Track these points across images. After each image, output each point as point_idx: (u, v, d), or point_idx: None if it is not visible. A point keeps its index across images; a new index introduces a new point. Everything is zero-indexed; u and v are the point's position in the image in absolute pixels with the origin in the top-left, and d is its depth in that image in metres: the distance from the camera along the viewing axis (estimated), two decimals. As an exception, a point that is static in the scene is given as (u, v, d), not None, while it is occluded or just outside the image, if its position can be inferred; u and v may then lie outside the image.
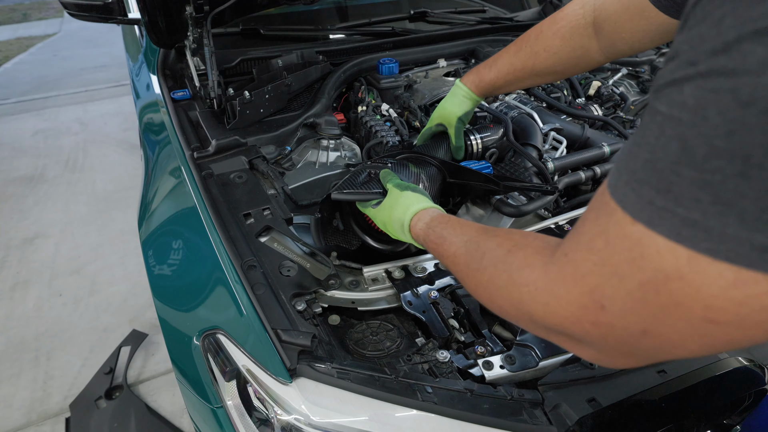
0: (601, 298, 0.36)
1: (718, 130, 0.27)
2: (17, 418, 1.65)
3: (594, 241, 0.36)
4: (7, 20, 8.30)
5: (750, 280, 0.28)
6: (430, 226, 0.68)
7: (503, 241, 0.51)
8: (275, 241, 0.91)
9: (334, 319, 0.86)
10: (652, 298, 0.32)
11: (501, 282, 0.47)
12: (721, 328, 0.30)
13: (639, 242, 0.32)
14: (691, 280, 0.30)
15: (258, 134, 1.17)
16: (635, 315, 0.34)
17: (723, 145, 0.27)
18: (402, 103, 1.35)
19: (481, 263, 0.52)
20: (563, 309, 0.39)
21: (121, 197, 2.88)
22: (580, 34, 0.87)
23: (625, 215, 0.33)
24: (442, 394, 0.68)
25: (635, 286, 0.33)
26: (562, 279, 0.39)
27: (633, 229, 0.33)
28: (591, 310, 0.37)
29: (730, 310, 0.29)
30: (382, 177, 0.84)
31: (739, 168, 0.27)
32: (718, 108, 0.27)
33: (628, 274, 0.33)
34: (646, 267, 0.32)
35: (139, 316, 2.03)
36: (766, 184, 0.26)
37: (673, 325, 0.32)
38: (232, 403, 0.72)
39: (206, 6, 1.18)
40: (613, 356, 0.39)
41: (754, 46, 0.25)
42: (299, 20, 1.74)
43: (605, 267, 0.35)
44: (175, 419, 1.62)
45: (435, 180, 0.95)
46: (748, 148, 0.26)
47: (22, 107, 4.37)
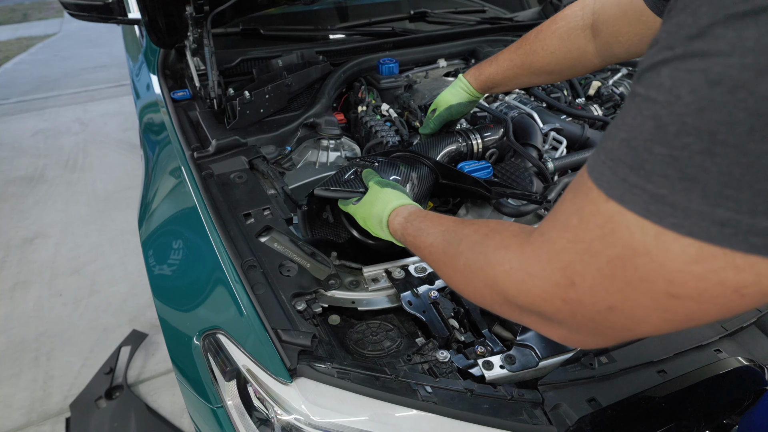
0: (572, 274, 0.37)
1: (689, 108, 0.28)
2: (17, 418, 1.65)
3: (569, 219, 0.37)
4: (7, 20, 8.30)
5: (709, 256, 0.29)
6: (408, 220, 0.69)
7: (480, 227, 0.52)
8: (275, 241, 0.91)
9: (334, 319, 0.86)
10: (620, 274, 0.34)
11: (477, 264, 0.48)
12: (682, 303, 0.32)
13: (611, 219, 0.33)
14: (656, 256, 0.31)
15: (258, 134, 1.17)
16: (603, 291, 0.35)
17: (692, 122, 0.28)
18: (402, 103, 1.35)
19: (458, 249, 0.53)
20: (536, 287, 0.40)
21: (121, 197, 2.88)
22: (577, 36, 0.88)
23: (600, 193, 0.34)
24: (442, 394, 0.68)
25: (604, 262, 0.34)
26: (537, 257, 0.40)
27: (606, 206, 0.34)
28: (562, 287, 0.38)
29: (691, 284, 0.31)
30: (364, 176, 0.85)
31: (705, 144, 0.28)
32: (690, 87, 0.28)
33: (599, 250, 0.35)
34: (616, 243, 0.33)
35: (139, 316, 2.03)
36: (728, 161, 0.27)
37: (638, 300, 0.34)
38: (232, 403, 0.72)
39: (206, 6, 1.18)
40: (581, 334, 0.41)
41: (725, 30, 0.27)
42: (299, 20, 1.74)
43: (578, 244, 0.36)
44: (175, 419, 1.62)
45: (426, 180, 0.95)
46: (714, 125, 0.27)
47: (22, 107, 4.37)
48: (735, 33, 0.27)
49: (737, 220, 0.28)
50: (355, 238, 0.94)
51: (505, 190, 0.94)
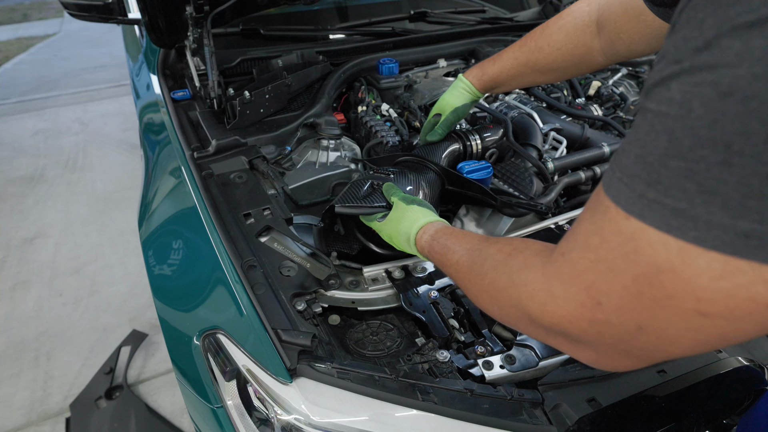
0: (597, 294, 0.36)
1: (702, 121, 0.28)
2: (17, 418, 1.65)
3: (590, 238, 0.37)
4: (7, 20, 8.30)
5: (737, 270, 0.28)
6: (434, 237, 0.69)
7: (504, 246, 0.52)
8: (275, 241, 0.91)
9: (334, 319, 0.86)
10: (646, 292, 0.33)
11: (501, 284, 0.48)
12: (713, 321, 0.31)
13: (632, 237, 0.33)
14: (682, 272, 0.30)
15: (258, 134, 1.17)
16: (631, 310, 0.34)
17: (706, 134, 0.28)
18: (402, 103, 1.35)
19: (483, 268, 0.53)
20: (560, 308, 0.39)
21: (121, 197, 2.88)
22: (583, 32, 0.88)
23: (619, 210, 0.34)
24: (442, 394, 0.68)
25: (630, 280, 0.33)
26: (559, 278, 0.40)
27: (626, 224, 0.33)
28: (588, 308, 0.37)
29: (720, 301, 0.30)
30: (385, 190, 0.84)
31: (721, 156, 0.27)
32: (701, 100, 0.28)
33: (623, 268, 0.34)
34: (639, 260, 0.33)
35: (139, 316, 2.03)
36: (746, 171, 0.27)
37: (667, 319, 0.33)
38: (232, 403, 0.72)
39: (206, 6, 1.18)
40: (611, 356, 0.39)
41: (731, 41, 0.27)
42: (299, 20, 1.74)
43: (601, 263, 0.35)
44: (175, 419, 1.62)
45: (434, 186, 0.96)
46: (729, 136, 0.27)
47: (22, 107, 4.37)
48: (742, 44, 0.26)
49: (762, 232, 0.27)
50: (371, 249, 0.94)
51: (510, 200, 0.94)
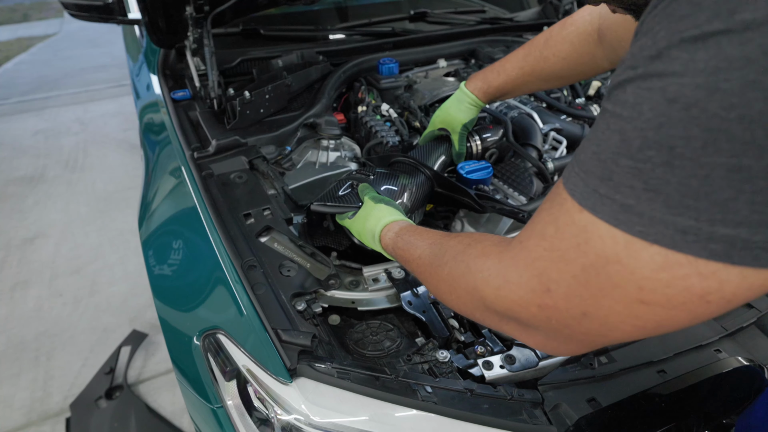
0: (548, 281, 0.38)
1: (650, 124, 0.31)
2: (17, 418, 1.65)
3: (546, 228, 0.39)
4: (7, 20, 8.30)
5: (675, 263, 0.31)
6: (398, 234, 0.71)
7: (464, 238, 0.54)
8: (275, 241, 0.91)
9: (334, 319, 0.86)
10: (593, 281, 0.35)
11: (459, 272, 0.50)
12: (652, 309, 0.33)
13: (584, 229, 0.35)
14: (627, 263, 0.33)
15: (258, 134, 1.17)
16: (577, 297, 0.36)
17: (653, 136, 0.30)
18: (402, 103, 1.35)
19: (443, 259, 0.55)
20: (513, 292, 0.41)
21: (121, 197, 2.88)
22: (587, 41, 0.89)
23: (574, 203, 0.36)
24: (442, 394, 0.68)
25: (579, 270, 0.36)
26: (514, 264, 0.42)
27: (580, 216, 0.35)
28: (538, 293, 0.39)
29: (659, 291, 0.32)
30: (360, 190, 0.87)
31: (665, 157, 0.30)
32: (650, 104, 0.31)
33: (574, 258, 0.36)
34: (589, 251, 0.35)
35: (139, 316, 2.03)
36: (686, 173, 0.29)
37: (611, 306, 0.35)
38: (232, 403, 0.72)
39: (206, 6, 1.18)
40: (557, 340, 0.42)
41: (679, 52, 0.29)
42: (299, 20, 1.74)
43: (554, 252, 0.38)
44: (175, 419, 1.62)
45: (422, 188, 0.97)
46: (672, 139, 0.29)
47: (22, 107, 4.37)
48: (688, 55, 0.29)
49: (698, 228, 0.29)
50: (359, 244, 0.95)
51: (495, 205, 0.95)
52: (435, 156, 1.07)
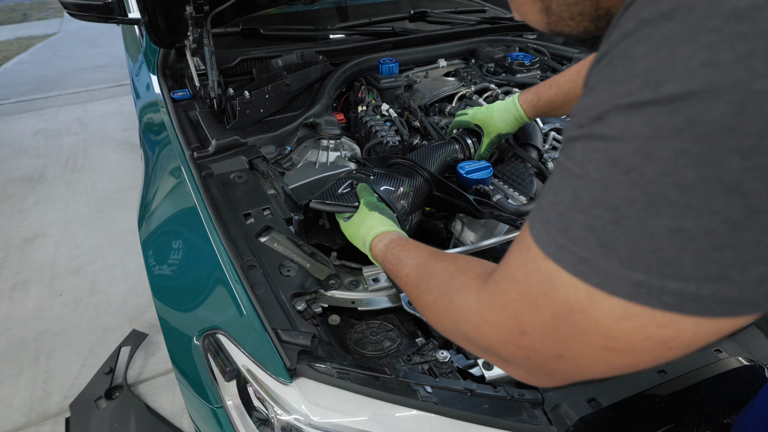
0: (523, 324, 0.39)
1: (597, 183, 0.32)
2: (17, 418, 1.65)
3: (516, 272, 0.40)
4: (7, 20, 8.30)
5: (633, 314, 0.32)
6: (388, 247, 0.72)
7: (448, 266, 0.54)
8: (275, 241, 0.91)
9: (334, 319, 0.86)
10: (563, 327, 0.36)
11: (443, 303, 0.51)
12: (619, 354, 0.34)
13: (549, 277, 0.36)
14: (591, 313, 0.34)
15: (258, 134, 1.17)
16: (551, 341, 0.37)
17: (600, 196, 0.32)
18: (402, 103, 1.35)
19: (429, 285, 0.55)
20: (492, 332, 0.42)
21: (121, 197, 2.88)
22: None
23: (539, 251, 0.37)
24: (442, 394, 0.68)
25: (549, 316, 0.36)
26: (491, 304, 0.43)
27: (544, 264, 0.36)
28: (515, 335, 0.40)
29: (623, 339, 0.33)
30: (359, 191, 0.87)
31: (613, 216, 0.31)
32: (596, 165, 0.32)
33: (543, 304, 0.37)
34: (556, 299, 0.36)
35: (139, 316, 2.03)
36: (633, 231, 0.30)
37: (581, 351, 0.36)
38: (232, 403, 0.72)
39: (206, 6, 1.18)
40: (537, 376, 0.43)
41: (617, 117, 0.31)
42: (299, 20, 1.74)
43: (525, 296, 0.38)
44: (175, 419, 1.62)
45: (420, 190, 0.97)
46: (617, 200, 0.31)
47: (22, 107, 4.37)
48: (624, 121, 0.30)
49: (649, 282, 0.31)
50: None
51: (493, 212, 0.95)
52: (435, 158, 1.07)
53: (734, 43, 0.26)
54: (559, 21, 0.45)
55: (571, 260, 0.34)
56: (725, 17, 0.26)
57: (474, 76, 1.44)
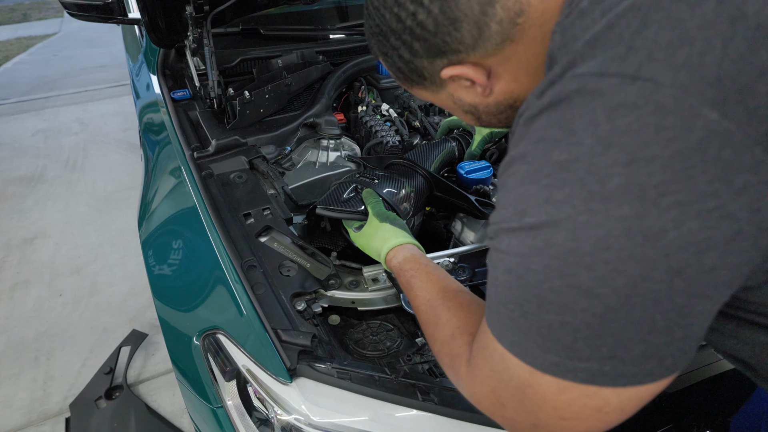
0: (500, 397, 0.42)
1: (504, 285, 0.39)
2: (17, 418, 1.65)
3: (483, 350, 0.44)
4: (7, 20, 8.30)
5: (565, 388, 0.37)
6: (402, 268, 0.72)
7: (452, 318, 0.57)
8: (275, 241, 0.91)
9: (334, 319, 0.86)
10: (525, 401, 0.40)
11: (446, 362, 0.54)
12: (572, 423, 0.38)
13: (503, 357, 0.40)
14: (537, 389, 0.38)
15: (258, 134, 1.17)
16: (523, 411, 0.41)
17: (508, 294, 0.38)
18: (402, 103, 1.35)
19: (435, 333, 0.58)
20: (480, 403, 0.46)
21: (121, 197, 2.88)
22: None
23: (491, 332, 0.42)
24: (442, 394, 0.68)
25: (514, 390, 0.40)
26: (473, 378, 0.46)
27: (496, 345, 0.41)
28: (497, 407, 0.43)
29: (567, 409, 0.38)
30: (364, 197, 0.86)
31: (519, 311, 0.37)
32: (500, 271, 0.39)
33: (506, 380, 0.41)
34: (512, 376, 0.40)
35: (139, 316, 2.03)
36: (537, 324, 0.36)
37: (546, 422, 0.40)
38: (232, 403, 0.72)
39: (206, 6, 1.18)
40: None
41: (504, 236, 0.38)
42: (299, 20, 1.74)
43: (494, 372, 0.42)
44: (175, 419, 1.62)
45: (422, 193, 0.97)
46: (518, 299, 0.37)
47: (22, 107, 4.37)
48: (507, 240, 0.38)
49: (564, 363, 0.36)
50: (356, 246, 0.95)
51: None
52: (433, 157, 1.07)
53: (562, 186, 0.34)
54: (490, 123, 0.56)
55: (509, 343, 0.39)
56: (554, 166, 0.34)
57: (474, 76, 1.43)
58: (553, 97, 0.36)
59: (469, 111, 0.55)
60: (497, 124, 0.56)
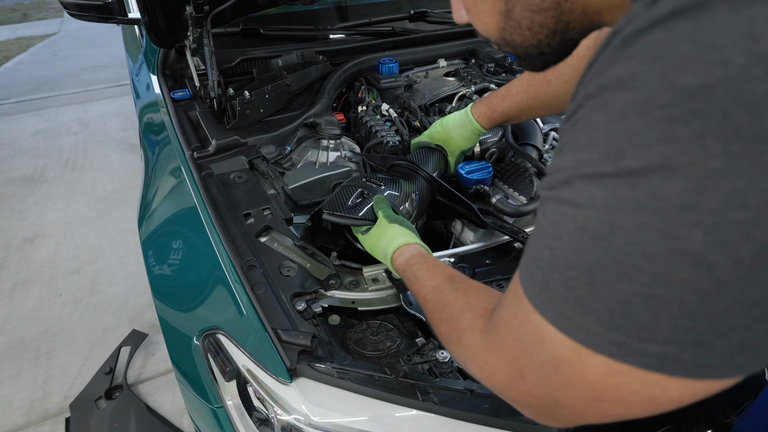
0: (520, 368, 0.39)
1: (570, 246, 0.32)
2: (17, 418, 1.65)
3: (511, 320, 0.40)
4: (7, 20, 8.30)
5: (618, 371, 0.32)
6: (408, 263, 0.72)
7: (459, 297, 0.55)
8: (275, 241, 0.91)
9: (334, 319, 0.86)
10: (554, 376, 0.36)
11: (453, 338, 0.52)
12: (610, 405, 0.34)
13: (538, 329, 0.36)
14: (577, 367, 0.34)
15: (258, 134, 1.17)
16: (546, 387, 0.37)
17: (574, 258, 0.32)
18: (402, 103, 1.35)
19: (441, 315, 0.56)
20: (493, 375, 0.43)
21: (121, 197, 2.88)
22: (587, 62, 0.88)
23: (528, 303, 0.37)
24: (442, 394, 0.68)
25: (541, 363, 0.37)
26: (492, 348, 0.43)
27: (534, 316, 0.36)
28: (514, 378, 0.40)
29: (611, 392, 0.33)
30: (375, 202, 0.87)
31: (587, 279, 0.31)
32: (567, 228, 0.32)
33: (535, 352, 0.37)
34: (546, 349, 0.36)
35: (139, 316, 2.03)
36: (608, 295, 0.30)
37: (574, 400, 0.36)
38: (232, 403, 0.72)
39: (206, 6, 1.18)
40: (544, 418, 0.43)
41: (581, 185, 0.31)
42: (299, 20, 1.74)
43: (520, 343, 0.39)
44: (175, 419, 1.62)
45: (425, 197, 0.97)
46: (590, 264, 0.31)
47: (22, 107, 4.37)
48: (588, 190, 0.31)
49: (630, 344, 0.31)
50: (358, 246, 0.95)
51: (496, 222, 0.95)
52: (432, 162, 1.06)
53: (688, 120, 0.26)
54: (516, 29, 0.42)
55: (554, 315, 0.34)
56: (679, 93, 0.26)
57: (474, 76, 1.44)
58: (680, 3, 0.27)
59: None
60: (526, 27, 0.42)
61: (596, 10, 0.39)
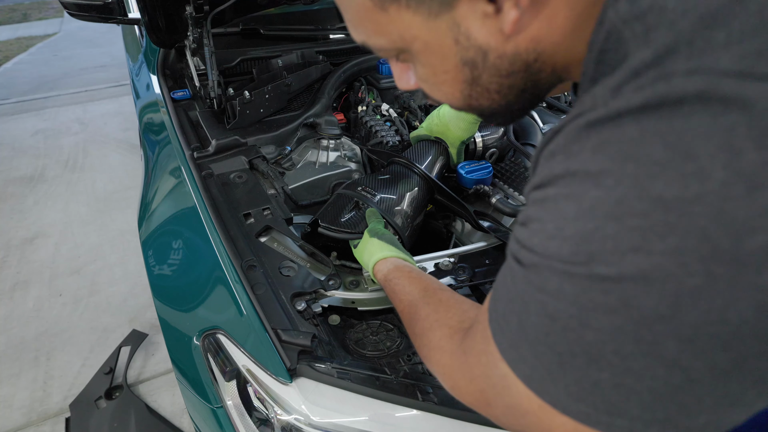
0: (487, 398, 0.40)
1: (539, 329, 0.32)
2: (17, 418, 1.65)
3: (480, 356, 0.40)
4: (7, 20, 8.30)
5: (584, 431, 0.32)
6: (387, 277, 0.73)
7: (430, 313, 0.55)
8: (275, 241, 0.91)
9: (334, 319, 0.86)
10: (520, 419, 0.37)
11: (425, 353, 0.53)
12: None
13: (505, 377, 0.36)
14: (543, 421, 0.34)
15: (258, 134, 1.17)
16: (512, 420, 0.38)
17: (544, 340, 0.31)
18: (402, 103, 1.35)
19: (414, 329, 0.58)
20: (464, 396, 0.44)
21: (121, 197, 2.88)
22: None
23: (496, 349, 0.37)
24: (442, 394, 0.68)
25: (507, 403, 0.37)
26: (461, 372, 0.44)
27: (501, 364, 0.36)
28: (482, 404, 0.41)
29: None
30: (367, 216, 0.89)
31: (556, 359, 0.31)
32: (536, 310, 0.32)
33: (501, 392, 0.38)
34: (512, 395, 0.36)
35: (139, 316, 2.03)
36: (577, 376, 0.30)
37: None
38: (232, 403, 0.72)
39: (206, 6, 1.18)
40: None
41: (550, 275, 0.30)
42: (299, 20, 1.74)
43: (489, 379, 0.39)
44: (175, 419, 1.62)
45: (423, 196, 0.98)
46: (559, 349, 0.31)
47: (22, 107, 4.37)
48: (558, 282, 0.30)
49: (597, 416, 0.31)
50: None
51: (492, 225, 0.95)
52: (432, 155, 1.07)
53: (664, 234, 0.25)
54: (483, 94, 0.41)
55: (523, 375, 0.34)
56: (652, 202, 0.25)
57: (474, 76, 1.44)
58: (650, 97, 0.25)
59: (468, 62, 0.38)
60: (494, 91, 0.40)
61: (565, 66, 0.39)
